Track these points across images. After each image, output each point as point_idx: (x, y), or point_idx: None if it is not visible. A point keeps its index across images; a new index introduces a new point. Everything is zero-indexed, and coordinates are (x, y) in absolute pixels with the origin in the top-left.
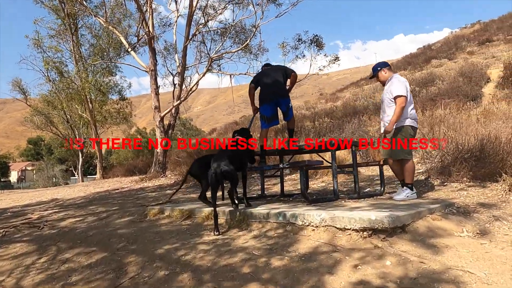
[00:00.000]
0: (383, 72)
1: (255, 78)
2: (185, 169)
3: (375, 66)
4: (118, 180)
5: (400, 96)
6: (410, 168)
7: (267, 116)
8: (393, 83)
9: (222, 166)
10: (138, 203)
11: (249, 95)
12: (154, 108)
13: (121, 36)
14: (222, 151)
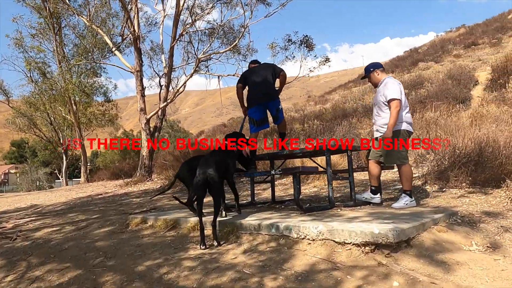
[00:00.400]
0: (376, 74)
1: (242, 77)
2: (172, 173)
3: (368, 67)
4: (103, 184)
5: (395, 100)
6: (408, 173)
7: (256, 120)
8: (387, 85)
9: (209, 173)
10: (121, 210)
11: (237, 96)
12: (139, 110)
13: (105, 36)
14: (211, 154)
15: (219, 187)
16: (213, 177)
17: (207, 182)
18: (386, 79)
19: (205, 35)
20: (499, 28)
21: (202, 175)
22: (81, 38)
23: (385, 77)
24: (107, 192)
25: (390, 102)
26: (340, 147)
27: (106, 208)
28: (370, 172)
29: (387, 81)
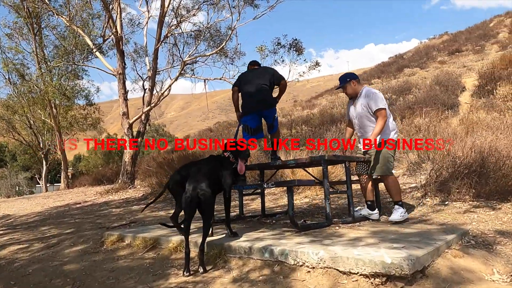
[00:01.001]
0: (352, 84)
1: (238, 80)
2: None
3: (343, 77)
4: (83, 191)
5: (383, 109)
6: (397, 183)
7: (251, 128)
8: (372, 96)
9: (200, 189)
10: (98, 223)
11: (232, 100)
12: (122, 114)
13: (86, 37)
14: (204, 164)
15: (211, 205)
16: (205, 193)
17: (198, 199)
18: (367, 89)
19: (191, 38)
20: (481, 35)
21: (192, 191)
22: (62, 39)
23: (363, 87)
24: (86, 201)
25: (378, 112)
26: (339, 158)
27: (82, 220)
28: (362, 186)
29: (370, 91)
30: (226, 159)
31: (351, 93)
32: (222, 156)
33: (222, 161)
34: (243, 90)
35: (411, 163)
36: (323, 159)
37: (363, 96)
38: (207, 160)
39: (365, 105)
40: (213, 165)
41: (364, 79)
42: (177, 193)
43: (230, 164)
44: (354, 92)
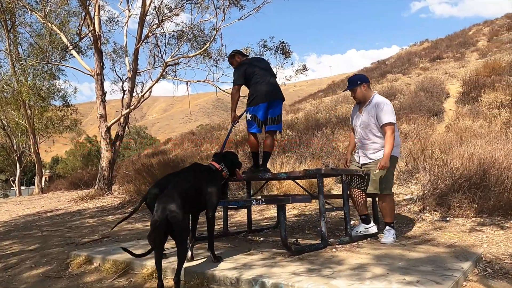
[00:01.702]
0: (362, 88)
1: (243, 72)
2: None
3: (354, 78)
4: (57, 196)
5: (393, 124)
6: (393, 204)
7: (260, 119)
8: (382, 107)
9: (170, 210)
10: (67, 237)
11: (232, 99)
12: (99, 116)
13: (62, 34)
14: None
15: (183, 230)
16: (176, 215)
17: (168, 223)
18: (378, 98)
19: (173, 38)
20: (462, 43)
21: (160, 213)
22: (38, 37)
23: (373, 94)
24: (58, 209)
25: (387, 126)
26: (337, 171)
27: (50, 233)
28: (355, 200)
29: (381, 101)
30: (216, 173)
31: (359, 98)
32: (209, 166)
33: (209, 174)
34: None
35: (401, 172)
36: (319, 173)
37: (373, 105)
38: (191, 171)
39: (374, 115)
40: (196, 178)
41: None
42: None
43: (219, 178)
44: (363, 97)
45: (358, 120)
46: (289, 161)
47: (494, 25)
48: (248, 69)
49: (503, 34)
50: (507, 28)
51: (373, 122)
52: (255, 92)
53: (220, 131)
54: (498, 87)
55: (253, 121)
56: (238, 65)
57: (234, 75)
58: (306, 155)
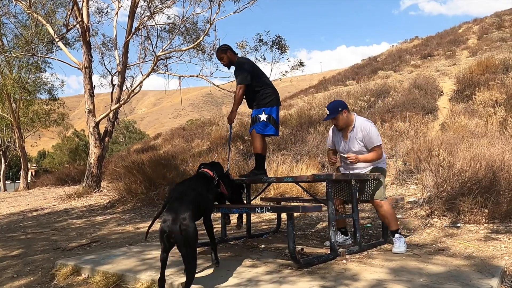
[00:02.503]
0: (344, 115)
1: (249, 69)
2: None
3: (334, 106)
4: (43, 193)
5: (380, 145)
6: (392, 210)
7: (277, 121)
8: (367, 129)
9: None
10: (53, 240)
11: (238, 99)
12: (87, 111)
13: (48, 25)
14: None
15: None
16: (187, 228)
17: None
18: (361, 120)
19: (165, 31)
20: (452, 41)
21: (172, 225)
22: (23, 28)
23: (355, 117)
24: (44, 207)
25: (376, 147)
26: (348, 177)
27: (35, 236)
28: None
29: (365, 124)
30: (212, 180)
31: (342, 125)
32: (205, 173)
33: (207, 180)
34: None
35: (400, 172)
36: (329, 179)
37: (359, 129)
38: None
39: (362, 139)
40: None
41: (338, 80)
42: None
43: (214, 185)
44: (346, 123)
45: (345, 146)
46: (285, 159)
47: (483, 24)
48: (254, 67)
49: (493, 33)
50: (497, 27)
51: (358, 146)
52: (273, 93)
53: (211, 127)
54: (492, 86)
55: (269, 122)
56: (241, 63)
57: (239, 73)
58: (302, 153)
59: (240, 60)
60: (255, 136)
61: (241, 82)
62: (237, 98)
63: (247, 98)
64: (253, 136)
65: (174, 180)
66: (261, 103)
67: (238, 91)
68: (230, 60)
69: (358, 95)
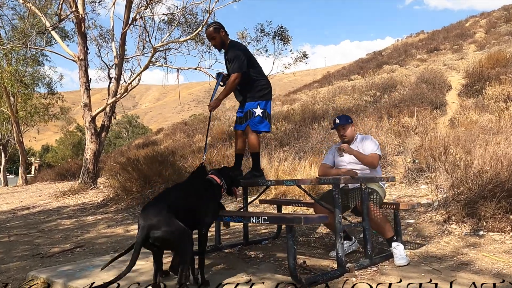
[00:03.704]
0: (352, 127)
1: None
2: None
3: (345, 117)
4: (41, 189)
5: (378, 155)
6: (385, 217)
7: (270, 115)
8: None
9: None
10: (35, 244)
11: (233, 86)
12: (83, 105)
13: (42, 15)
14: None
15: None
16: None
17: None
18: (362, 135)
19: (163, 22)
20: (459, 35)
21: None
22: (20, 19)
23: (357, 133)
24: (36, 205)
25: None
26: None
27: (18, 238)
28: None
29: (366, 136)
30: (217, 187)
31: (349, 137)
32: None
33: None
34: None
35: (409, 170)
36: (336, 183)
37: (360, 140)
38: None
39: (362, 148)
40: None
41: (343, 74)
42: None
43: (219, 194)
44: (352, 136)
45: (346, 156)
46: (288, 156)
47: (491, 17)
48: (250, 53)
49: (501, 26)
50: (505, 20)
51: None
52: (268, 86)
53: (213, 122)
54: (504, 80)
55: (264, 117)
56: (236, 47)
57: (236, 58)
58: (305, 149)
59: (235, 43)
60: (250, 133)
61: (239, 70)
62: (231, 86)
63: (238, 87)
64: (248, 133)
65: (170, 177)
66: (256, 96)
67: (234, 79)
68: (222, 41)
69: (363, 90)
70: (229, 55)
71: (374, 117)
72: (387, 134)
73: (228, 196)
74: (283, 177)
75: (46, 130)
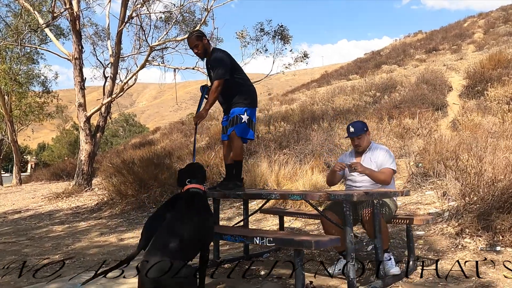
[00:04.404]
0: (368, 136)
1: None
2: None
3: (360, 125)
4: (35, 190)
5: (394, 171)
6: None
7: (254, 124)
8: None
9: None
10: (23, 254)
11: (217, 94)
12: (78, 105)
13: (35, 12)
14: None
15: None
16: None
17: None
18: (376, 144)
19: (161, 21)
20: (458, 35)
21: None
22: (14, 17)
23: (372, 142)
24: (28, 209)
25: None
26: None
27: (5, 247)
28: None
29: (382, 146)
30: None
31: (364, 147)
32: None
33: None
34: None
35: (413, 175)
36: (348, 200)
37: (374, 149)
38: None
39: (376, 160)
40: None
41: (341, 74)
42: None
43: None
44: (366, 146)
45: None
46: (288, 159)
47: (489, 18)
48: (233, 59)
49: (499, 27)
50: (504, 21)
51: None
52: (253, 93)
53: (211, 121)
54: (507, 81)
55: (248, 125)
56: (220, 54)
57: (219, 65)
58: (305, 152)
59: (218, 50)
60: (236, 139)
61: (223, 76)
62: (216, 95)
63: (223, 94)
64: (233, 139)
65: (166, 181)
66: (243, 102)
67: (218, 85)
68: (205, 50)
69: (363, 90)
70: (212, 62)
71: (374, 118)
72: (389, 136)
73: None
74: (284, 182)
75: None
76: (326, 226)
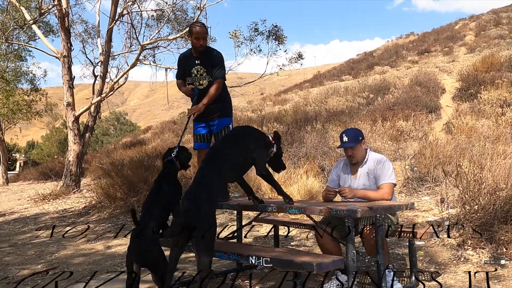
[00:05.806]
0: (363, 145)
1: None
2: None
3: (355, 134)
4: (21, 190)
5: (393, 184)
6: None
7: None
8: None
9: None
10: (4, 262)
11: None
12: (66, 105)
13: (21, 7)
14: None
15: None
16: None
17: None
18: (374, 154)
19: (152, 19)
20: (449, 37)
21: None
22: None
23: (368, 150)
24: (13, 212)
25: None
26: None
27: None
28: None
29: (380, 157)
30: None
31: (359, 158)
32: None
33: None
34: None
35: (409, 179)
36: (351, 215)
37: (372, 162)
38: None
39: (373, 173)
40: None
41: (334, 75)
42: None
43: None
44: (361, 157)
45: (354, 184)
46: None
47: (480, 20)
48: None
49: (490, 29)
50: (494, 24)
51: (373, 183)
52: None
53: None
54: (500, 84)
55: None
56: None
57: (223, 65)
58: (299, 155)
59: (215, 49)
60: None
61: (224, 77)
62: (216, 93)
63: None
64: None
65: None
66: (230, 111)
67: (219, 85)
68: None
69: (356, 91)
70: (215, 60)
71: (368, 120)
72: (383, 139)
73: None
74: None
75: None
76: (322, 241)
